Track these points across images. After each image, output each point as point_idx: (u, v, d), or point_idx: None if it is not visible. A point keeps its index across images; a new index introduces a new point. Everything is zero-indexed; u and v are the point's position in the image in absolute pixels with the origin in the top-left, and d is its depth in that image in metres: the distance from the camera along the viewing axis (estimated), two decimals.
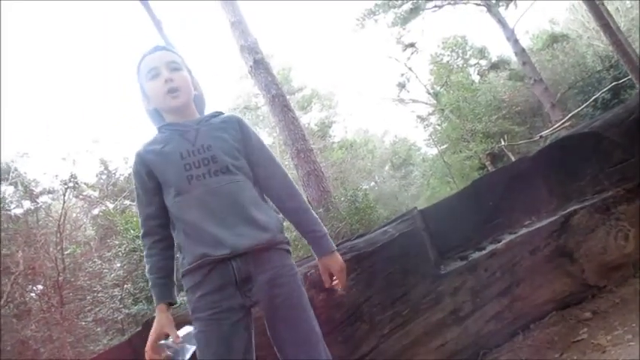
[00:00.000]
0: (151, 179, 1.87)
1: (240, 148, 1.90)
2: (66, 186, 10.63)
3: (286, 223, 1.97)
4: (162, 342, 1.77)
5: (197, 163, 1.80)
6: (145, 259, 1.90)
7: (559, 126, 12.73)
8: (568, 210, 2.96)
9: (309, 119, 24.39)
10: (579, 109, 14.01)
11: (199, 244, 1.75)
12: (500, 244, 2.90)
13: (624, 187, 3.00)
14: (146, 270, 1.88)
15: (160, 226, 1.89)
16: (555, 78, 18.76)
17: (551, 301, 2.85)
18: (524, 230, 3.00)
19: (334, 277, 1.96)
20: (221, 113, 2.00)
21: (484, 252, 2.89)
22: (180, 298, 1.94)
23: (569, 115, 13.34)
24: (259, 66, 10.22)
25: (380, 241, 2.80)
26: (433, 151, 21.42)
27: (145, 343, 2.45)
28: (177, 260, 1.86)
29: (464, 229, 3.24)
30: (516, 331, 2.81)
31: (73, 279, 9.54)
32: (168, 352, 1.75)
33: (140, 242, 2.03)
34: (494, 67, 20.81)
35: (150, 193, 1.89)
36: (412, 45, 21.76)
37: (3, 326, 8.65)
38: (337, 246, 2.93)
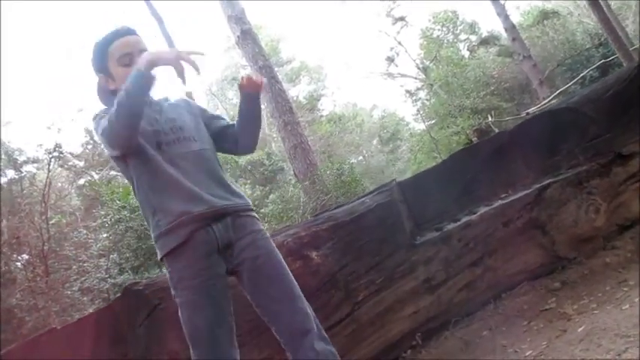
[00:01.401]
0: None
1: (199, 120, 2.00)
2: (50, 155, 10.54)
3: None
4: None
5: (166, 131, 1.86)
6: (111, 114, 1.74)
7: (546, 103, 12.77)
8: (542, 183, 3.02)
9: (297, 92, 24.22)
10: (567, 86, 14.03)
11: (178, 201, 1.78)
12: (475, 215, 2.96)
13: (598, 162, 3.07)
14: (117, 102, 1.73)
15: None
16: (544, 55, 18.72)
17: (523, 271, 2.93)
18: (499, 203, 3.06)
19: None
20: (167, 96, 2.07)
21: (459, 223, 2.95)
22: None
23: (557, 92, 13.36)
24: (247, 37, 10.11)
25: (357, 212, 2.84)
26: (421, 127, 21.41)
27: (123, 308, 2.50)
28: (150, 224, 1.85)
29: (442, 201, 3.28)
30: (488, 301, 2.90)
31: (58, 248, 9.51)
32: None
33: (125, 212, 2.03)
34: (484, 42, 20.72)
35: None
36: (402, 19, 21.59)
37: None
38: (316, 216, 2.99)
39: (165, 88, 2.07)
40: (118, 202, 8.89)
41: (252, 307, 1.87)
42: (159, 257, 1.85)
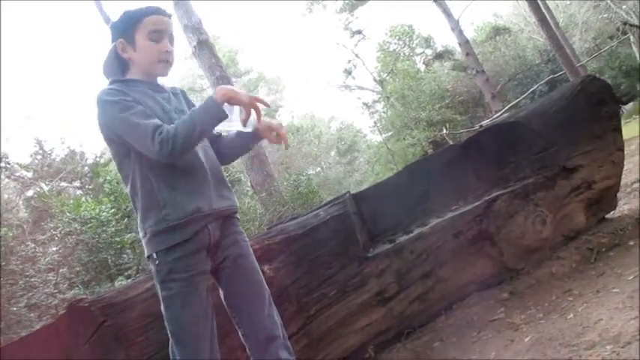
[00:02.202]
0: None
1: None
2: None
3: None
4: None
5: (175, 120, 1.82)
6: (176, 132, 1.71)
7: (498, 116, 13.13)
8: (491, 196, 3.09)
9: None
10: (518, 100, 14.50)
11: (191, 197, 1.78)
12: (426, 227, 3.00)
13: (544, 175, 3.15)
14: (185, 126, 1.72)
15: None
16: (497, 69, 19.34)
17: (473, 282, 2.98)
18: (450, 214, 3.10)
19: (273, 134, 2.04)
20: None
21: (411, 235, 2.98)
22: None
23: (508, 105, 13.77)
24: (203, 47, 10.05)
25: (310, 224, 2.83)
26: (378, 138, 21.70)
27: (68, 326, 2.41)
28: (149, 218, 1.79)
29: (395, 213, 3.32)
30: (439, 312, 2.93)
31: (4, 263, 9.16)
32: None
33: (76, 225, 2.00)
34: (439, 56, 21.24)
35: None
36: (359, 32, 21.92)
37: None
38: (269, 229, 2.97)
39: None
40: (68, 214, 8.63)
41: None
42: (151, 251, 1.78)
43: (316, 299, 2.66)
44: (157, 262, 1.77)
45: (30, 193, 12.70)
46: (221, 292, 1.95)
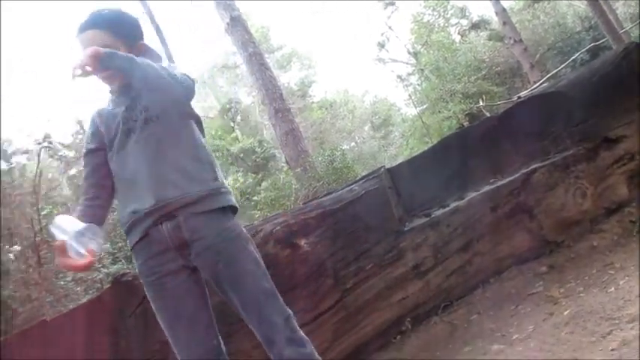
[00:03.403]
0: (97, 140, 1.87)
1: None
2: (40, 146, 10.47)
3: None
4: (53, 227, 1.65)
5: (134, 117, 1.79)
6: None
7: (537, 87, 12.78)
8: (530, 168, 3.04)
9: (288, 79, 24.12)
10: (557, 69, 14.03)
11: (129, 200, 1.76)
12: (463, 201, 2.98)
13: (585, 146, 3.08)
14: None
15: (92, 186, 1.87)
16: (535, 38, 18.70)
17: (511, 256, 2.96)
18: (487, 188, 3.07)
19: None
20: None
21: (447, 209, 2.97)
22: None
23: (548, 75, 13.37)
24: (236, 23, 10.04)
25: (346, 199, 2.85)
26: (413, 112, 21.40)
27: (113, 299, 2.51)
28: None
29: (431, 187, 3.30)
30: (476, 285, 2.92)
31: (50, 239, 9.47)
32: (63, 237, 1.60)
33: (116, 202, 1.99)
34: (475, 26, 20.65)
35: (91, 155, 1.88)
36: (392, 3, 21.49)
37: None
38: (305, 204, 3.00)
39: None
40: None
41: None
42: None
43: (353, 273, 2.69)
44: (136, 265, 1.81)
45: (73, 171, 13.04)
46: None
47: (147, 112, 1.77)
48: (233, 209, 1.81)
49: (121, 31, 1.87)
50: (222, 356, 1.82)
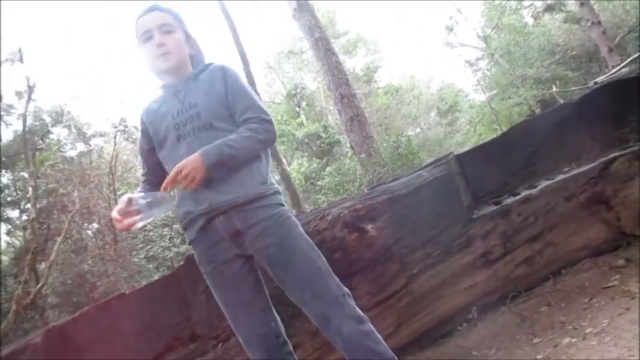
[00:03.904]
0: (147, 141, 2.03)
1: (225, 102, 1.92)
2: (116, 129, 11.00)
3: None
4: (132, 196, 1.81)
5: (184, 122, 1.88)
6: None
7: (616, 71, 12.11)
8: (608, 157, 2.91)
9: (354, 64, 24.03)
10: (638, 53, 13.25)
11: (185, 201, 1.88)
12: (535, 189, 2.89)
13: None
14: None
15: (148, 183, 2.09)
16: (615, 20, 17.67)
17: (585, 247, 2.85)
18: (561, 176, 2.97)
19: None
20: (210, 65, 2.02)
21: (518, 197, 2.89)
22: None
23: (628, 60, 12.62)
24: (303, 8, 10.10)
25: (414, 185, 2.83)
26: (481, 98, 20.82)
27: (187, 276, 2.62)
28: None
29: (501, 175, 3.23)
30: (547, 276, 2.84)
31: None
32: (136, 206, 1.77)
33: None
34: (550, 8, 19.72)
35: (145, 155, 2.07)
36: None
37: (63, 261, 9.24)
38: (372, 189, 3.00)
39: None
40: None
41: None
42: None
43: (419, 259, 2.68)
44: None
45: None
46: None
47: (199, 121, 1.86)
48: (277, 203, 1.89)
49: (180, 18, 2.01)
50: (281, 337, 1.91)
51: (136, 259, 9.61)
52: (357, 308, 1.81)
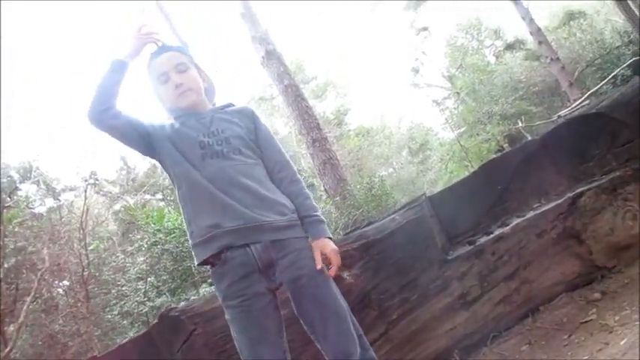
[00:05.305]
0: (151, 135, 1.99)
1: (252, 138, 2.01)
2: (87, 182, 10.84)
3: None
4: None
5: (211, 143, 1.91)
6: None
7: (577, 105, 12.52)
8: (575, 192, 2.96)
9: (324, 107, 24.35)
10: (598, 86, 13.73)
11: (210, 214, 1.83)
12: (507, 227, 2.92)
13: (632, 167, 2.99)
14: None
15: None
16: (573, 56, 18.39)
17: (560, 282, 2.87)
18: (531, 213, 3.01)
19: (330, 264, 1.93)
20: (233, 104, 2.12)
21: (491, 236, 2.91)
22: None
23: (588, 93, 13.09)
24: (271, 56, 10.24)
25: (387, 229, 2.83)
26: (450, 135, 21.23)
27: (161, 334, 2.54)
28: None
29: (473, 214, 3.25)
30: (526, 314, 2.84)
31: (97, 274, 9.74)
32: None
33: (160, 235, 2.10)
34: (510, 47, 20.51)
35: (140, 127, 1.99)
36: (425, 29, 21.57)
37: (32, 321, 8.91)
38: (346, 234, 2.99)
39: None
40: (153, 225, 9.06)
41: None
42: (196, 264, 1.90)
43: (397, 304, 2.66)
44: (215, 286, 1.90)
45: (117, 206, 13.44)
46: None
47: (229, 146, 1.93)
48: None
49: (189, 55, 2.12)
50: None
51: (109, 316, 9.31)
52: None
